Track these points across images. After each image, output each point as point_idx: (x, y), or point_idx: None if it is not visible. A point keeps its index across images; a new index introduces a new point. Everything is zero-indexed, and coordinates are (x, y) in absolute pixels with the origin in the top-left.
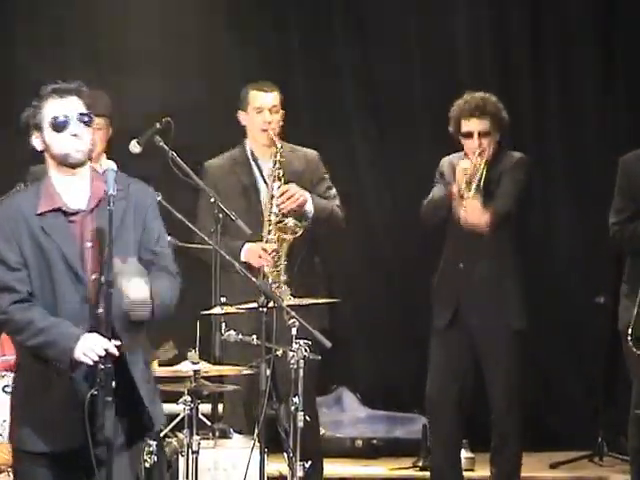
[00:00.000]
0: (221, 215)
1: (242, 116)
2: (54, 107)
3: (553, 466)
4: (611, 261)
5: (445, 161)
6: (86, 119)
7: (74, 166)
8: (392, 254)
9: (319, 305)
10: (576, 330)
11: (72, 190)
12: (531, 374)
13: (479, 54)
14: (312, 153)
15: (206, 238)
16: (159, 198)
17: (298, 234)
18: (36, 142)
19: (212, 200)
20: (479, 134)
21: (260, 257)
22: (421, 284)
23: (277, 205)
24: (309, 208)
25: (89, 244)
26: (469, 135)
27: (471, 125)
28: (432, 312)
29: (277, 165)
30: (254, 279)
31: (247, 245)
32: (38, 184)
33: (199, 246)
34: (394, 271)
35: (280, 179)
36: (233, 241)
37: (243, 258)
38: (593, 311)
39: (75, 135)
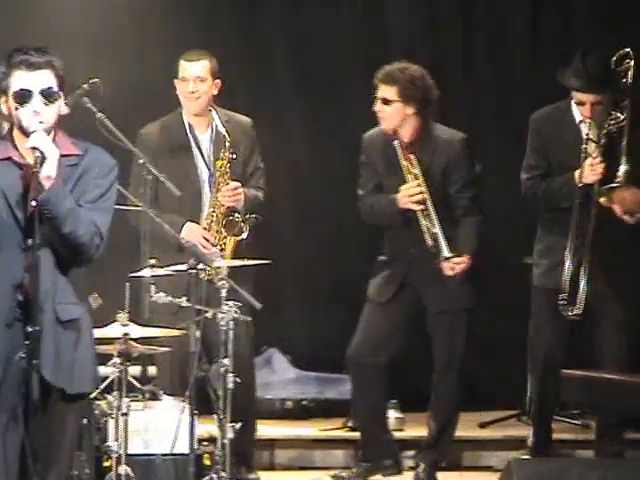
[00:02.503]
0: (150, 177)
1: (176, 84)
2: (20, 79)
3: (482, 425)
4: (535, 222)
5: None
6: (50, 95)
7: None
8: (326, 219)
9: (249, 267)
10: (505, 291)
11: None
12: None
13: (413, 35)
14: (247, 122)
15: (136, 201)
16: None
17: (243, 235)
18: (3, 106)
19: (141, 162)
20: (381, 100)
21: (204, 245)
22: (353, 247)
23: (219, 199)
24: (240, 206)
25: (33, 202)
26: (377, 102)
27: (379, 92)
28: (369, 280)
29: (226, 161)
30: (183, 241)
31: (189, 224)
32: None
33: (131, 208)
34: (327, 235)
35: (227, 174)
36: (174, 215)
37: (183, 235)
38: (522, 271)
39: (36, 112)
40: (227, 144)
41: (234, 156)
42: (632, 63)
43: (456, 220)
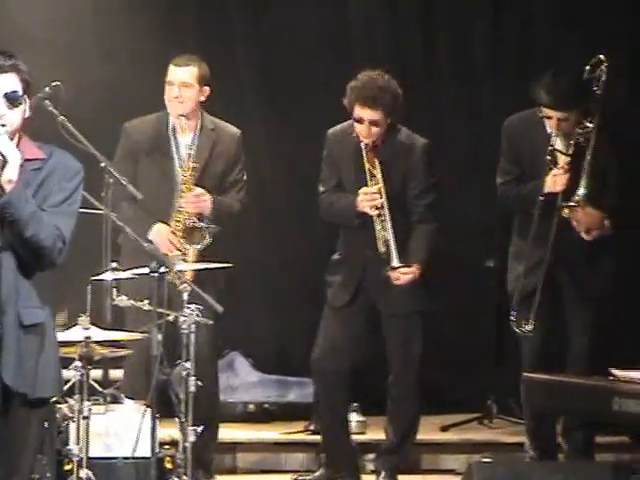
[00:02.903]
0: (112, 180)
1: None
2: None
3: (444, 429)
4: (500, 226)
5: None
6: (14, 99)
7: None
8: (289, 220)
9: (213, 270)
10: (467, 293)
11: None
12: (424, 336)
13: (373, 35)
14: (234, 132)
15: (97, 203)
16: None
17: (204, 243)
18: None
19: (102, 165)
20: (369, 122)
21: (169, 249)
22: (314, 251)
23: (182, 206)
24: (207, 213)
25: None
26: (360, 120)
27: (363, 113)
28: (326, 287)
29: (190, 171)
30: (145, 244)
31: (158, 225)
32: None
33: (92, 211)
34: (289, 238)
35: (191, 181)
36: (144, 215)
37: (151, 236)
38: (483, 274)
39: None
40: (192, 152)
41: (196, 165)
42: (604, 70)
43: (411, 227)
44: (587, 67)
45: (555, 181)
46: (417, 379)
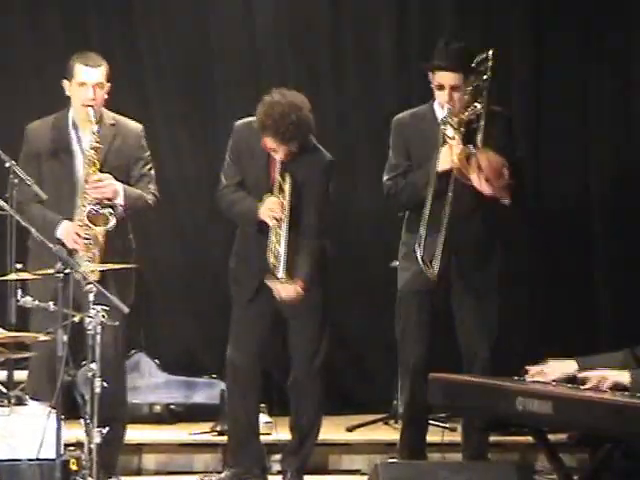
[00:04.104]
0: (17, 180)
1: (66, 85)
2: None
3: (350, 429)
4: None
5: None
6: None
7: None
8: (194, 222)
9: (122, 272)
10: (373, 294)
11: None
12: (330, 338)
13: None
14: (135, 127)
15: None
16: None
17: (109, 225)
18: None
19: (7, 165)
20: (282, 156)
21: (75, 241)
22: (220, 250)
23: (86, 191)
24: (119, 201)
25: None
26: (273, 150)
27: (269, 143)
28: (231, 288)
29: (93, 151)
30: (51, 245)
31: (64, 223)
32: None
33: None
34: (194, 239)
35: (95, 164)
36: (51, 213)
37: (58, 235)
38: (389, 275)
39: None
40: (94, 133)
41: (99, 146)
42: (491, 61)
43: (300, 242)
44: (476, 59)
45: (450, 154)
46: (318, 379)
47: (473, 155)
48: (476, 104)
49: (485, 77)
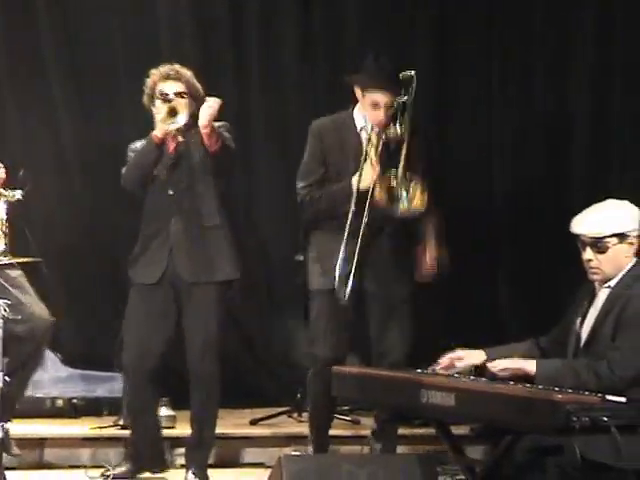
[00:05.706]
0: None
1: None
2: None
3: (253, 422)
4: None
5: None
6: None
7: None
8: (93, 212)
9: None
10: (277, 286)
11: None
12: (232, 331)
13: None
14: None
15: None
16: None
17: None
18: None
19: None
20: (175, 94)
21: None
22: (124, 244)
23: None
24: None
25: None
26: (164, 96)
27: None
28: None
29: None
30: None
31: None
32: None
33: None
34: (96, 232)
35: None
36: None
37: None
38: (293, 268)
39: None
40: None
41: None
42: (414, 84)
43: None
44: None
45: (370, 173)
46: (214, 371)
47: (395, 183)
48: (397, 128)
49: (406, 97)
